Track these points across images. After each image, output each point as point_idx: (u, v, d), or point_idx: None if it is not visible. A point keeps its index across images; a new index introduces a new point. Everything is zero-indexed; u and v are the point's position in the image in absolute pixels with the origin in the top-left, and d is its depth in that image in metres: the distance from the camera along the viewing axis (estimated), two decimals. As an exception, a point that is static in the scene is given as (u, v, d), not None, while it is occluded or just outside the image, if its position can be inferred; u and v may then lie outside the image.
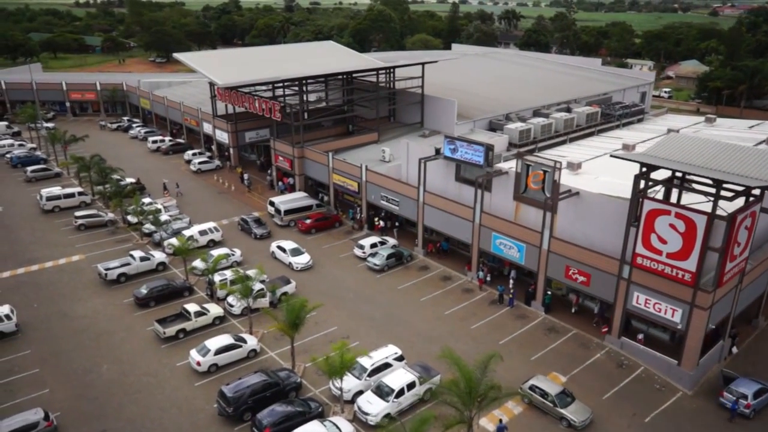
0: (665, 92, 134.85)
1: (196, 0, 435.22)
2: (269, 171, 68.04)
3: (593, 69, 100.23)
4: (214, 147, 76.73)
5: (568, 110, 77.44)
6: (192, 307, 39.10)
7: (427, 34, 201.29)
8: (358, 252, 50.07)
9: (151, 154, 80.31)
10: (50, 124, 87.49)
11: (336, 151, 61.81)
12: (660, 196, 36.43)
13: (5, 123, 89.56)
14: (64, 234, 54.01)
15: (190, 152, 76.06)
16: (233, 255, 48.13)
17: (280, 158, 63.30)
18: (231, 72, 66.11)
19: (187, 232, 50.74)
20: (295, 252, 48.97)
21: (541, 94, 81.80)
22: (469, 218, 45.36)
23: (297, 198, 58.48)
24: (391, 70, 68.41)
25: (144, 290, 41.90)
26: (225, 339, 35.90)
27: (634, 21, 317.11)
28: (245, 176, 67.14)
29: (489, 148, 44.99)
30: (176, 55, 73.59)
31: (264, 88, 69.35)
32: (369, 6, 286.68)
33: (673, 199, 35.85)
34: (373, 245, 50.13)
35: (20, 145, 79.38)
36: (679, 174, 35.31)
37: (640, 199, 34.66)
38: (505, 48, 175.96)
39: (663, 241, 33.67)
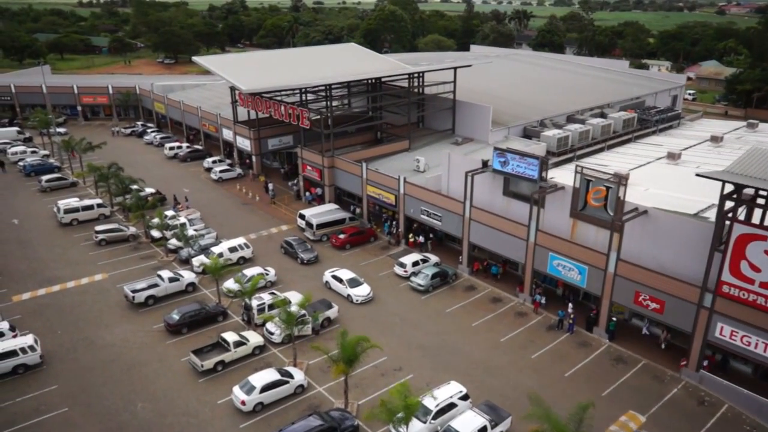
0: (689, 94, 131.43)
1: (200, 0, 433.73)
2: (295, 181, 64.95)
3: (622, 71, 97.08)
4: (234, 154, 73.63)
5: (603, 115, 74.39)
6: (230, 337, 36.05)
7: (438, 34, 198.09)
8: (399, 270, 46.99)
9: (168, 162, 77.29)
10: (62, 129, 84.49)
11: (366, 160, 58.85)
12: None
13: (16, 128, 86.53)
14: (84, 250, 51.01)
15: (209, 160, 73.00)
16: (267, 274, 45.09)
17: (308, 168, 60.21)
18: (255, 77, 63.03)
19: (216, 249, 47.74)
20: (354, 282, 44.20)
21: (574, 98, 78.65)
22: (523, 236, 42.26)
23: (329, 210, 55.38)
24: (421, 74, 65.30)
25: (176, 316, 38.86)
26: (270, 374, 32.83)
27: (641, 20, 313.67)
28: (270, 186, 64.06)
29: (544, 162, 41.90)
30: (195, 58, 70.55)
31: (286, 93, 66.46)
32: (376, 6, 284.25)
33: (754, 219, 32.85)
34: (415, 263, 47.04)
35: (33, 152, 76.39)
36: (764, 193, 32.30)
37: (728, 223, 31.59)
38: (517, 48, 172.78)
39: (756, 269, 30.56)
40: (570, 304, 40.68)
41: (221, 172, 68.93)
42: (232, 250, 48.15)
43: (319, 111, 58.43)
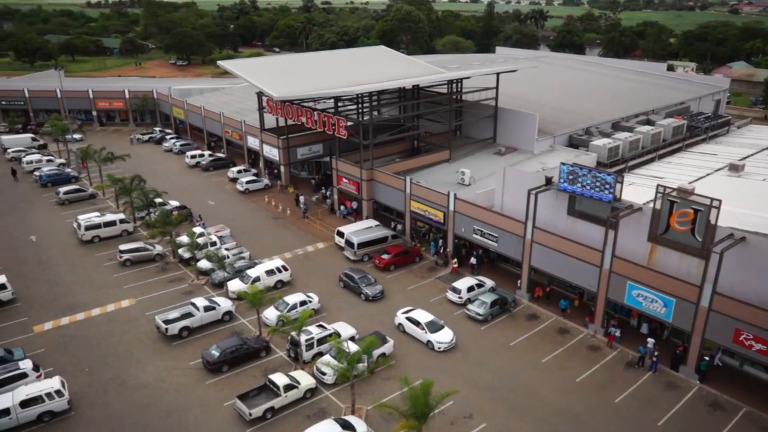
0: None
1: (207, 0, 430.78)
2: (328, 193, 61.04)
3: (661, 75, 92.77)
4: (261, 164, 69.78)
5: (649, 123, 70.20)
6: (280, 379, 32.14)
7: (456, 35, 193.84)
8: (452, 297, 42.96)
9: (190, 171, 73.50)
10: (78, 135, 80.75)
11: (404, 172, 54.92)
12: None
13: (30, 135, 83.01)
14: (108, 271, 47.26)
15: (234, 169, 69.15)
16: (311, 301, 41.21)
17: (344, 180, 56.28)
18: (286, 83, 59.25)
19: (251, 273, 43.85)
20: (434, 326, 38.24)
21: (616, 104, 74.47)
22: (595, 262, 38.17)
23: (369, 228, 51.40)
24: (460, 80, 61.18)
25: (215, 352, 35.00)
26: (330, 427, 28.92)
27: (652, 20, 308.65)
28: (301, 198, 60.17)
29: (618, 180, 37.83)
30: (221, 63, 66.74)
31: (314, 99, 62.62)
32: (388, 6, 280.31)
33: None
34: (470, 289, 43.03)
35: (48, 160, 72.78)
36: None
37: None
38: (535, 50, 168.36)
39: None
40: (652, 340, 36.56)
41: (248, 183, 65.04)
42: (270, 273, 44.23)
43: (357, 119, 54.53)
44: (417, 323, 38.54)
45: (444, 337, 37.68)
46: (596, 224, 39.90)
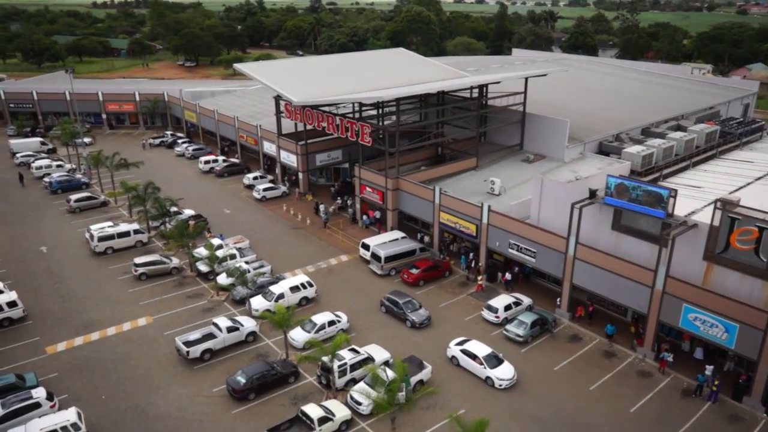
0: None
1: (212, 0, 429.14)
2: (349, 201, 58.60)
3: (687, 78, 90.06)
4: (277, 170, 67.36)
5: (680, 128, 67.58)
6: (313, 411, 29.68)
7: (467, 36, 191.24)
8: (488, 316, 40.45)
9: (204, 177, 71.17)
10: (88, 139, 78.42)
11: (430, 181, 52.51)
12: None
13: (39, 139, 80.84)
14: (122, 285, 44.93)
15: (250, 176, 66.76)
16: (339, 321, 38.79)
17: (367, 189, 53.84)
18: (305, 87, 56.90)
19: (275, 289, 41.45)
20: (493, 360, 34.53)
21: (645, 109, 71.82)
22: (646, 282, 35.61)
23: (396, 240, 48.92)
24: (485, 85, 58.63)
25: (242, 379, 32.58)
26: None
27: (661, 21, 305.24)
28: (321, 207, 57.75)
29: (672, 195, 35.31)
30: (237, 66, 64.45)
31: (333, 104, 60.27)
32: (395, 7, 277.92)
33: None
34: (507, 307, 40.52)
35: (58, 166, 70.57)
36: None
37: None
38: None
39: None
40: (710, 367, 33.98)
41: (265, 190, 62.63)
42: (294, 289, 41.80)
43: (383, 126, 52.09)
44: (473, 356, 34.92)
45: (505, 373, 34.07)
46: (644, 240, 37.44)
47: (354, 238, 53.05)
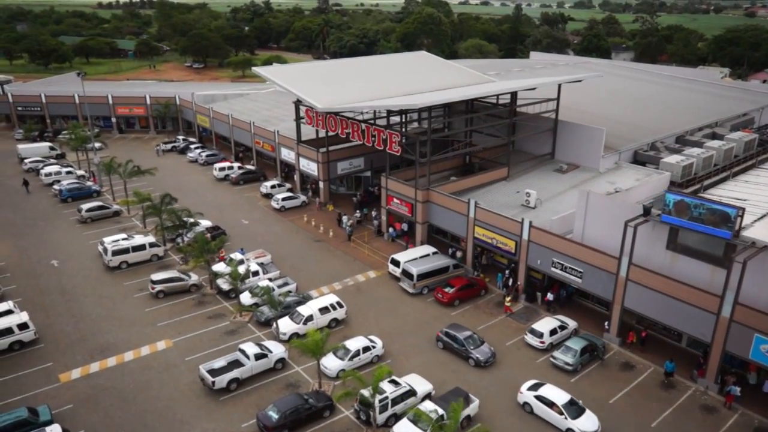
0: None
1: (217, 1, 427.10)
2: (374, 214, 55.82)
3: (714, 83, 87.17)
4: (296, 178, 64.64)
5: (715, 136, 64.72)
6: (356, 454, 27.05)
7: (479, 38, 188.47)
8: (533, 341, 37.68)
9: (218, 184, 68.48)
10: (98, 144, 75.72)
11: (460, 192, 49.83)
12: None
13: (48, 144, 78.29)
14: (138, 304, 42.27)
15: (267, 184, 64.06)
16: (374, 347, 36.04)
17: (395, 200, 51.14)
18: (328, 92, 54.23)
19: (303, 310, 38.75)
20: (574, 409, 30.68)
21: (678, 116, 68.95)
22: (711, 309, 32.81)
23: (427, 256, 46.17)
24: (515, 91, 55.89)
25: (274, 414, 29.81)
26: None
27: (667, 23, 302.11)
28: (344, 219, 55.06)
29: (740, 214, 32.52)
30: (256, 69, 61.87)
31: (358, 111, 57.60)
32: (403, 8, 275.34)
33: None
34: (553, 331, 37.75)
35: (68, 172, 67.99)
36: None
37: None
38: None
39: None
40: (784, 403, 31.23)
41: (284, 199, 59.93)
42: (323, 311, 39.08)
43: (414, 134, 49.31)
44: (550, 404, 30.96)
45: (589, 425, 30.09)
46: (705, 262, 34.69)
47: (380, 252, 50.36)
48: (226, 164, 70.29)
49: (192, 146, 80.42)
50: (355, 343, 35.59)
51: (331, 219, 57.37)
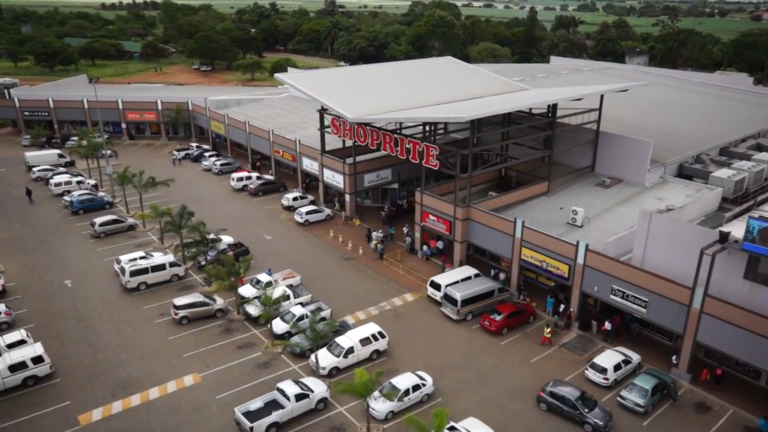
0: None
1: (221, 2, 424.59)
2: (407, 230, 52.56)
3: (749, 90, 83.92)
4: (320, 191, 61.38)
5: (760, 147, 61.60)
6: None
7: (491, 42, 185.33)
8: (595, 377, 34.37)
9: (236, 195, 65.26)
10: (108, 152, 72.31)
11: (500, 209, 46.64)
12: None
13: (57, 151, 75.10)
14: (161, 331, 39.03)
15: (289, 196, 60.78)
16: (424, 385, 32.81)
17: (430, 217, 47.93)
18: (358, 101, 51.03)
19: (343, 342, 35.51)
20: None
21: (718, 125, 65.72)
22: (804, 348, 29.66)
23: (470, 279, 42.95)
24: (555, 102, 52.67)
25: (322, 467, 26.72)
26: None
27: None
28: (374, 235, 51.84)
29: (837, 241, 29.31)
30: (278, 76, 58.64)
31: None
32: (410, 10, 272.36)
33: None
34: (617, 366, 34.52)
35: (79, 182, 64.78)
36: None
37: None
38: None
39: None
40: None
41: (308, 213, 56.72)
42: (365, 341, 35.83)
43: (455, 148, 46.04)
44: None
45: None
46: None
47: (415, 272, 47.15)
48: (244, 174, 67.06)
49: (206, 154, 77.22)
50: (403, 381, 32.35)
51: (360, 234, 54.13)
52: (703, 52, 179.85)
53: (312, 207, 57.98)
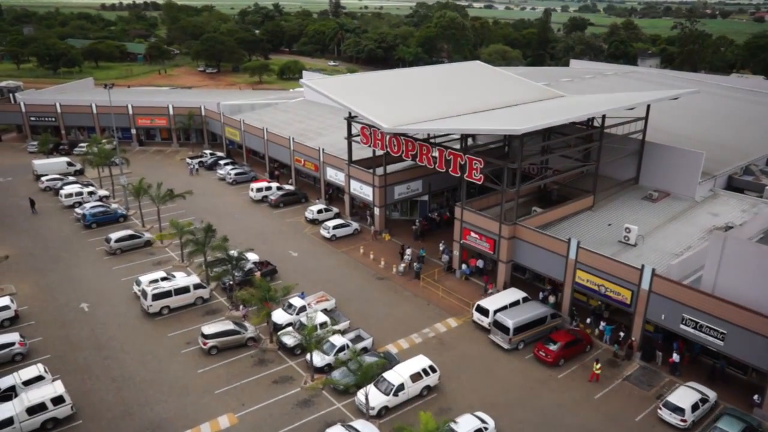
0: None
1: (221, 3, 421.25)
2: (442, 247, 49.42)
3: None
4: (346, 203, 58.19)
5: (806, 157, 58.62)
6: None
7: (501, 44, 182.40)
8: (670, 418, 31.21)
9: (255, 207, 62.00)
10: (117, 159, 69.03)
11: (544, 226, 43.60)
12: None
13: (66, 159, 71.86)
14: (189, 363, 35.84)
15: (314, 208, 57.61)
16: (486, 428, 29.70)
17: (472, 234, 44.82)
18: (391, 110, 47.94)
19: (392, 378, 32.35)
20: None
21: (763, 133, 62.70)
22: None
23: (519, 304, 39.88)
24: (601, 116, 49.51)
25: None
26: None
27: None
28: (408, 252, 48.74)
29: None
30: (304, 81, 55.64)
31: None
32: (414, 12, 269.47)
33: None
34: (695, 406, 31.42)
35: (90, 192, 61.57)
36: None
37: None
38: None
39: None
40: None
41: (335, 228, 53.60)
42: (415, 377, 32.69)
43: (504, 162, 42.92)
44: None
45: None
46: None
47: (455, 294, 44.05)
48: (264, 184, 63.80)
49: (221, 162, 74.03)
50: (465, 424, 29.24)
51: (391, 251, 50.99)
52: (717, 54, 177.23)
53: (339, 221, 54.89)
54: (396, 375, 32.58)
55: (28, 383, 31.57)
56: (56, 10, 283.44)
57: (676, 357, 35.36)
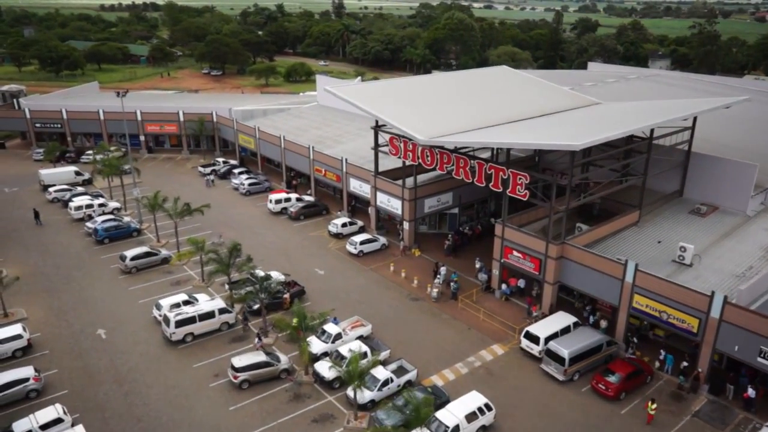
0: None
1: (221, 3, 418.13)
2: (479, 265, 46.57)
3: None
4: (372, 216, 55.31)
5: None
6: None
7: (510, 45, 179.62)
8: (755, 464, 28.69)
9: (274, 219, 59.08)
10: (126, 166, 65.75)
11: (591, 245, 40.84)
12: None
13: (74, 168, 68.81)
14: (219, 399, 32.90)
15: (338, 222, 54.68)
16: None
17: (514, 253, 41.99)
18: (423, 120, 45.11)
19: (445, 418, 29.44)
20: None
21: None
22: None
23: (570, 329, 37.08)
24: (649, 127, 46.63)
25: None
26: None
27: (675, 27, 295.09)
28: (442, 270, 45.88)
29: None
30: (329, 88, 52.43)
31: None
32: (417, 13, 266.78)
33: None
34: (780, 451, 28.74)
35: (101, 204, 58.62)
36: None
37: None
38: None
39: None
40: None
41: (362, 243, 50.72)
42: (470, 417, 29.84)
43: (552, 178, 40.11)
44: None
45: None
46: None
47: (497, 317, 41.21)
48: (283, 195, 60.83)
49: (235, 171, 71.09)
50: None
51: (423, 268, 48.12)
52: (729, 55, 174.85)
53: (366, 235, 52.00)
54: (449, 415, 29.70)
55: (45, 427, 28.65)
56: (56, 11, 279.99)
57: (751, 392, 32.57)
